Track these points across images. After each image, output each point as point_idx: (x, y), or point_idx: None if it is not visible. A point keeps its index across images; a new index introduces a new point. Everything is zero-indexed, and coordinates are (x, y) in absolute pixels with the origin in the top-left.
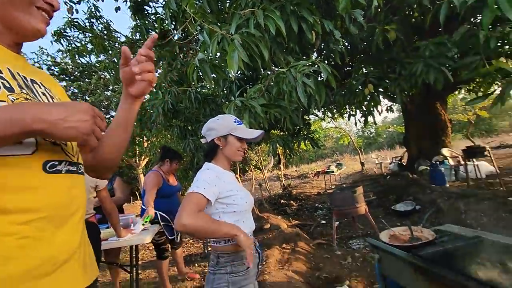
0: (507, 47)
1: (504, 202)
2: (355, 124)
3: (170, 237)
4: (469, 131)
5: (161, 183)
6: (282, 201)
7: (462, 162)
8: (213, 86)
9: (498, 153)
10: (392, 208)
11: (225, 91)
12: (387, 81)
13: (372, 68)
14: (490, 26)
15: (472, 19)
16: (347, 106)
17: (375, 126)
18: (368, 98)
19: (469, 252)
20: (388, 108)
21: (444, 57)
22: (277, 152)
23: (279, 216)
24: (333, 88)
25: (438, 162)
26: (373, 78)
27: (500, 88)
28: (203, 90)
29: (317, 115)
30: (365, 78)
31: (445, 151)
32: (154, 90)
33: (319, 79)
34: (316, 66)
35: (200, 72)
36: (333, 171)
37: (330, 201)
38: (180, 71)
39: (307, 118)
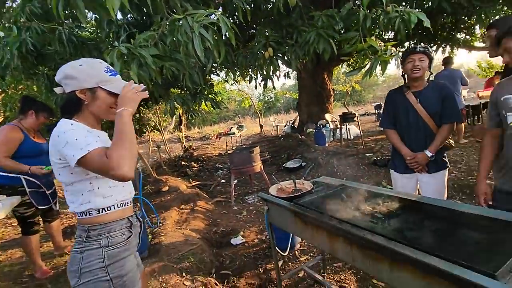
0: (378, 29)
1: (363, 157)
2: (255, 87)
3: (41, 207)
4: (346, 100)
5: (21, 139)
6: (183, 163)
7: (339, 126)
8: (91, 27)
9: (363, 119)
10: (283, 165)
11: (112, 36)
12: (285, 46)
13: (273, 32)
14: (369, 8)
15: None
16: (250, 70)
17: (274, 91)
18: (267, 62)
19: (335, 198)
20: (286, 74)
21: (332, 29)
22: (178, 113)
23: (179, 178)
24: (234, 46)
25: (321, 126)
26: (273, 42)
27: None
28: (82, 32)
29: (218, 75)
30: (266, 41)
31: (327, 116)
32: (8, 25)
33: (221, 36)
34: (215, 18)
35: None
36: (234, 133)
37: (230, 161)
38: (45, 1)
39: (209, 78)
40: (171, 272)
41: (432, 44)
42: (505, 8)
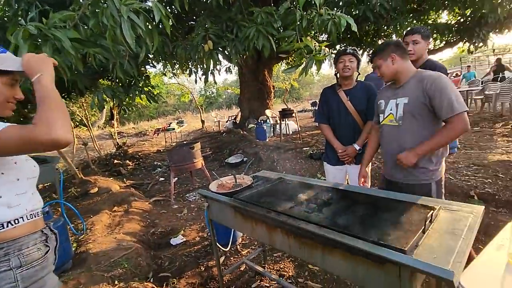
0: (313, 29)
1: (300, 151)
2: (195, 81)
3: None
4: (285, 97)
5: None
6: (115, 161)
7: (279, 122)
8: None
9: (301, 115)
10: (225, 161)
11: (21, 14)
12: (226, 40)
13: (213, 25)
14: (305, 9)
15: None
16: (190, 63)
17: (216, 86)
18: (208, 55)
19: (274, 191)
20: (227, 69)
21: (271, 26)
22: (109, 107)
23: (111, 178)
24: (170, 36)
25: (262, 121)
26: (213, 35)
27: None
28: None
29: (155, 66)
30: (206, 34)
31: (268, 112)
32: None
33: (155, 23)
34: (149, 3)
35: None
36: (174, 129)
37: (169, 158)
38: None
39: (145, 69)
40: (101, 282)
41: (358, 48)
42: (414, 21)
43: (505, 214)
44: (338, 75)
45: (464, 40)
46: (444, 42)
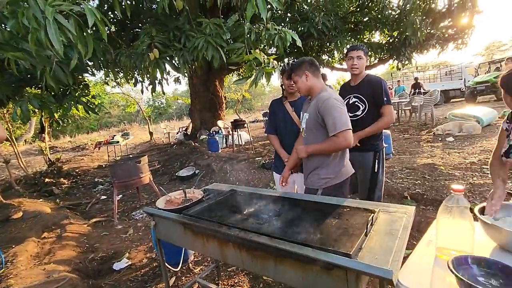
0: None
1: (253, 161)
2: (142, 91)
3: None
4: (237, 108)
5: None
6: (46, 180)
7: (231, 132)
8: None
9: (253, 125)
10: (176, 174)
11: None
12: (173, 50)
13: (159, 33)
14: (253, 23)
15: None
16: (135, 72)
17: (165, 96)
18: (154, 64)
19: (225, 204)
20: (177, 79)
21: (220, 38)
22: (39, 119)
23: (41, 199)
24: (106, 41)
25: (214, 132)
26: (159, 44)
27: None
28: None
29: (94, 74)
30: (151, 42)
31: (220, 123)
32: None
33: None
34: (80, 6)
35: None
36: (118, 141)
37: (112, 174)
38: None
39: (82, 77)
40: None
41: None
42: (352, 39)
43: (432, 211)
44: (283, 87)
45: (393, 58)
46: (377, 59)
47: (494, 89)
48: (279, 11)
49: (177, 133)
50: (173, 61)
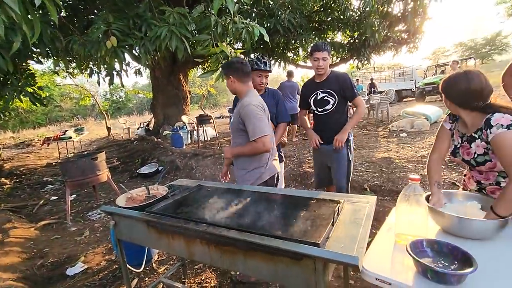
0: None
1: (219, 157)
2: (98, 83)
3: None
4: (202, 103)
5: None
6: None
7: (196, 128)
8: None
9: (219, 121)
10: (137, 171)
11: None
12: (133, 38)
13: (117, 20)
14: (220, 16)
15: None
16: (90, 62)
17: (124, 90)
18: (111, 53)
19: (192, 199)
20: (137, 71)
21: (185, 28)
22: None
23: None
24: (56, 25)
25: (178, 128)
26: (117, 31)
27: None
28: None
29: (41, 62)
30: (108, 29)
31: (184, 118)
32: None
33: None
34: None
35: None
36: (70, 137)
37: (63, 172)
38: None
39: (26, 65)
40: None
41: (271, 58)
42: (316, 38)
43: (389, 201)
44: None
45: (354, 58)
46: (339, 58)
47: (439, 90)
48: (246, 6)
49: (138, 129)
50: (133, 51)
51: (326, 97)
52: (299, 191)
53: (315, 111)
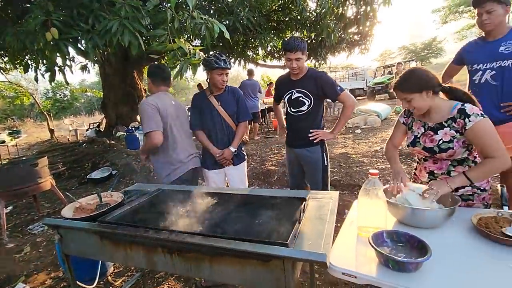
0: (186, 32)
1: None
2: (36, 80)
3: None
4: None
5: None
6: None
7: None
8: None
9: None
10: (87, 177)
11: None
12: (79, 31)
13: (58, 9)
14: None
15: None
16: (26, 56)
17: (69, 88)
18: (52, 47)
19: (151, 205)
20: (84, 67)
21: (138, 22)
22: None
23: None
24: None
25: (134, 128)
26: (58, 22)
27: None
28: None
29: None
30: (47, 18)
31: (139, 118)
32: None
33: None
34: None
35: None
36: (4, 141)
37: None
38: None
39: None
40: None
41: (230, 57)
42: (275, 37)
43: (348, 195)
44: (209, 81)
45: (311, 58)
46: None
47: (387, 89)
48: (204, 1)
49: (87, 130)
50: (79, 45)
51: (301, 98)
52: (264, 190)
53: (289, 111)
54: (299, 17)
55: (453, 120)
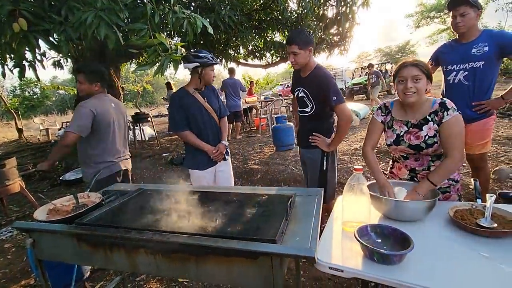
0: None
1: (160, 158)
2: (3, 76)
3: None
4: (138, 101)
5: None
6: None
7: (132, 127)
8: None
9: (157, 120)
10: (60, 178)
11: None
12: (50, 23)
13: None
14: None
15: None
16: None
17: (40, 85)
18: (19, 39)
19: (132, 205)
20: (56, 62)
21: (115, 15)
22: None
23: None
24: None
25: None
26: (27, 12)
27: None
28: None
29: None
30: (15, 8)
31: None
32: None
33: None
34: None
35: None
36: None
37: None
38: None
39: None
40: None
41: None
42: (257, 36)
43: None
44: (201, 79)
45: None
46: (279, 57)
47: (365, 90)
48: None
49: (60, 129)
50: (51, 38)
51: (304, 99)
52: (250, 188)
53: (298, 109)
54: (280, 17)
55: (435, 114)
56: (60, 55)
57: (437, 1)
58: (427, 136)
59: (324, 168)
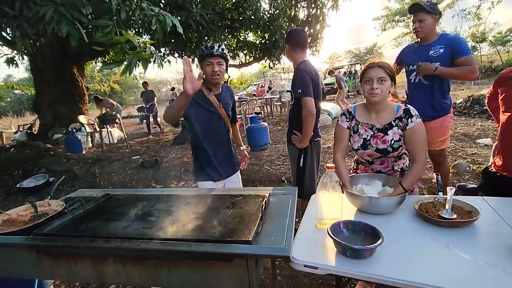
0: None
1: (129, 161)
2: None
3: None
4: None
5: None
6: None
7: (98, 129)
8: None
9: (126, 121)
10: (17, 186)
11: None
12: (3, 17)
13: None
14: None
15: None
16: None
17: None
18: None
19: (99, 212)
20: (10, 60)
21: (77, 11)
22: None
23: None
24: None
25: (74, 130)
26: None
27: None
28: None
29: None
30: None
31: (81, 118)
32: None
33: None
34: None
35: None
36: None
37: None
38: None
39: None
40: None
41: (183, 54)
42: (229, 36)
43: None
44: (205, 79)
45: (266, 58)
46: (252, 57)
47: (336, 90)
48: None
49: (16, 133)
50: (3, 33)
51: (290, 93)
52: (224, 189)
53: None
54: (252, 17)
55: (399, 120)
56: (15, 51)
57: (401, 6)
58: (393, 141)
59: (301, 165)
